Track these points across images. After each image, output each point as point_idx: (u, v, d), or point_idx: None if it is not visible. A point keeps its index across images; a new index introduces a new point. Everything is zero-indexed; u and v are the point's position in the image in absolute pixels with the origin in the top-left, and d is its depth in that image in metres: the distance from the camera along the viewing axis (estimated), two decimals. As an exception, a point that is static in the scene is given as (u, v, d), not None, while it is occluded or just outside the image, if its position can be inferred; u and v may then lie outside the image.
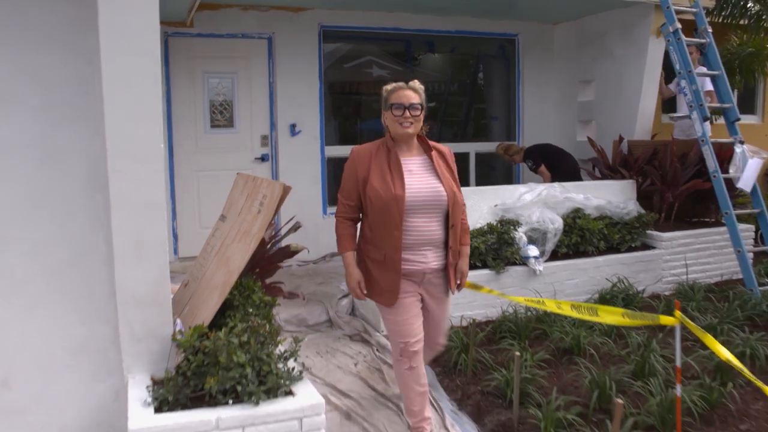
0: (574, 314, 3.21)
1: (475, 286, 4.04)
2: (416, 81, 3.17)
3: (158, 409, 2.68)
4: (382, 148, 3.15)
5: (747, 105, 9.45)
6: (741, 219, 6.24)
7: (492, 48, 7.93)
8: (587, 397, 3.48)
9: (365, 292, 3.19)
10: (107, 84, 2.77)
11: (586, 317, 3.14)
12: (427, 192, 3.07)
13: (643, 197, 6.23)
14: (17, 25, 2.91)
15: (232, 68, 6.57)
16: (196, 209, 6.47)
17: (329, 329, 4.96)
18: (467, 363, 4.02)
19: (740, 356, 4.04)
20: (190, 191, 6.47)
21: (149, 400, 2.74)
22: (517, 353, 3.43)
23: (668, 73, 6.80)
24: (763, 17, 7.32)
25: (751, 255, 5.70)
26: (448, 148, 3.29)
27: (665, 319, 3.05)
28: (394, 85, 3.15)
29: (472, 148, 7.72)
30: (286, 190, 3.10)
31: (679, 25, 5.75)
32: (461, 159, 7.61)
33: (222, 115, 6.60)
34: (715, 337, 4.30)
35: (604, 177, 6.52)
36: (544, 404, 3.39)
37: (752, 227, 6.19)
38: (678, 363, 3.06)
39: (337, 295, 5.36)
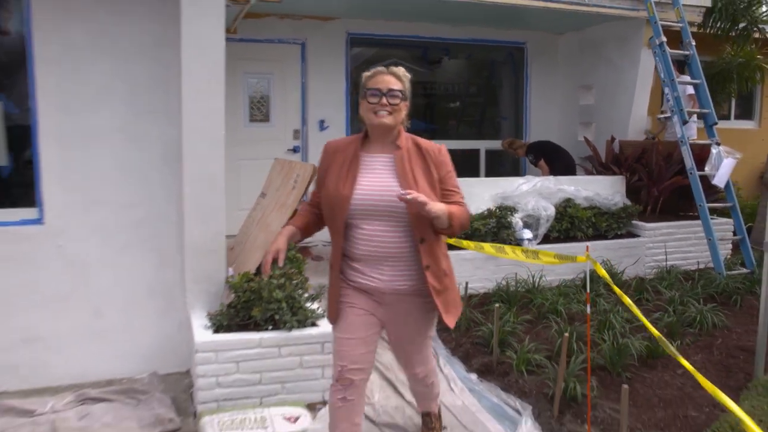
0: (521, 257, 3.74)
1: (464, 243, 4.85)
2: (401, 67, 2.69)
3: (215, 332, 3.57)
4: (355, 142, 2.70)
5: (745, 111, 10.11)
6: (723, 213, 6.98)
7: (502, 55, 8.73)
8: (554, 345, 4.28)
9: (279, 265, 2.65)
10: (185, 86, 3.67)
11: (530, 259, 3.73)
12: (379, 195, 2.56)
13: (632, 192, 6.98)
14: (115, 40, 3.81)
15: (269, 69, 7.46)
16: (236, 194, 7.35)
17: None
18: (461, 320, 4.84)
19: (691, 321, 4.82)
20: (230, 177, 7.32)
21: (209, 324, 3.63)
22: (497, 305, 4.25)
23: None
24: (751, 30, 8.00)
25: (729, 245, 6.42)
26: (438, 146, 2.72)
27: (581, 258, 3.58)
28: (373, 69, 2.67)
29: (482, 145, 8.53)
30: (315, 170, 3.96)
31: (664, 39, 6.49)
32: (472, 155, 8.45)
33: (259, 111, 7.48)
34: (673, 306, 5.10)
35: (597, 173, 7.29)
36: (519, 350, 4.20)
37: (731, 221, 6.90)
38: (588, 310, 3.81)
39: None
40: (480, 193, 6.25)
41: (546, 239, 6.22)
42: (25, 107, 3.82)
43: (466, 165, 8.37)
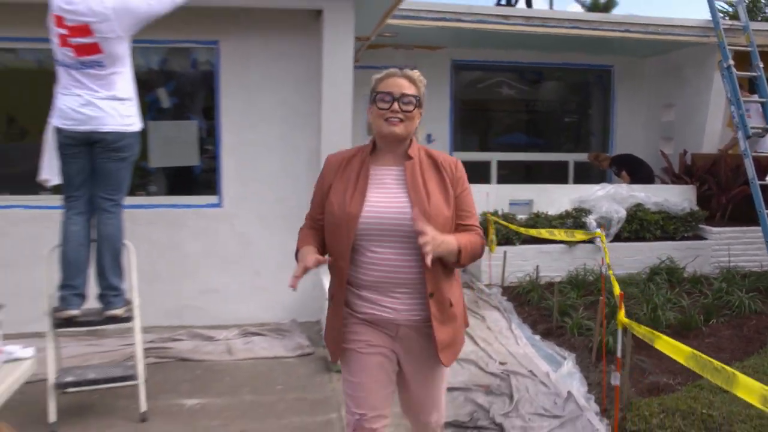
0: (561, 237, 4.86)
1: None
2: (416, 71, 2.41)
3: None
4: (360, 154, 2.43)
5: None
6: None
7: (591, 77, 9.73)
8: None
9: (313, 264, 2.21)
10: (324, 108, 5.09)
11: (566, 238, 4.85)
12: (391, 213, 2.28)
13: (703, 200, 7.80)
14: (276, 76, 5.31)
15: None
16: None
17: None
18: (533, 297, 5.97)
19: (731, 305, 5.71)
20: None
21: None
22: (557, 281, 5.37)
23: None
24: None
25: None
26: (455, 160, 2.46)
27: (597, 233, 4.67)
28: (385, 71, 2.40)
29: (571, 157, 9.54)
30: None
31: (732, 62, 7.29)
32: (562, 167, 9.48)
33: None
34: (719, 294, 5.97)
35: (672, 183, 8.14)
36: (574, 317, 5.29)
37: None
38: (604, 270, 4.85)
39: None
40: (560, 198, 7.33)
41: (617, 238, 7.19)
42: (212, 125, 5.39)
43: (557, 175, 9.41)
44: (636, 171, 8.49)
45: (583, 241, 7.06)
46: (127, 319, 3.84)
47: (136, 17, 3.74)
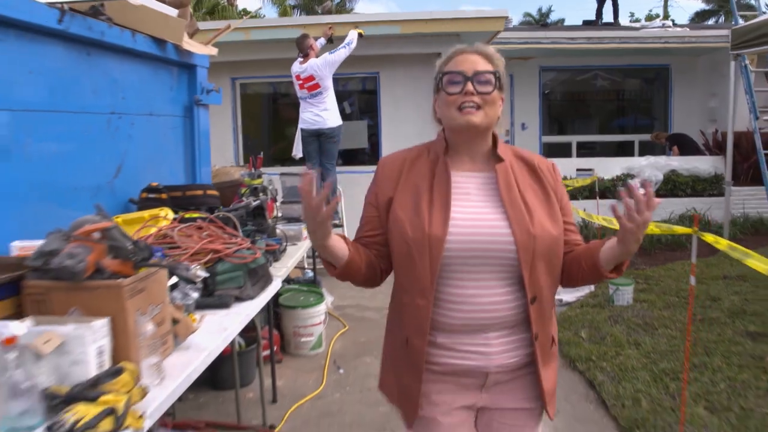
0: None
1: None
2: (490, 46, 1.80)
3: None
4: (426, 155, 1.83)
5: None
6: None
7: (652, 74, 12.39)
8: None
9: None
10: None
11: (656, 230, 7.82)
12: (484, 234, 1.69)
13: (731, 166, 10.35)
14: (414, 87, 8.73)
15: (489, 92, 12.05)
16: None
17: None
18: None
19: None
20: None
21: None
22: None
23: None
24: None
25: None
26: (551, 162, 1.89)
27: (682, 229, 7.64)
28: (452, 49, 1.80)
29: (636, 138, 12.27)
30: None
31: (747, 61, 9.81)
32: (629, 145, 12.23)
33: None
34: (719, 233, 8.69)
35: (709, 155, 10.74)
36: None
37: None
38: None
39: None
40: (613, 167, 10.21)
41: (656, 195, 9.91)
42: (375, 121, 8.86)
43: (625, 150, 12.16)
44: (684, 146, 11.12)
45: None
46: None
47: (333, 66, 7.16)
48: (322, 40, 7.47)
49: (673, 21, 13.21)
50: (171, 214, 3.36)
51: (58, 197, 3.11)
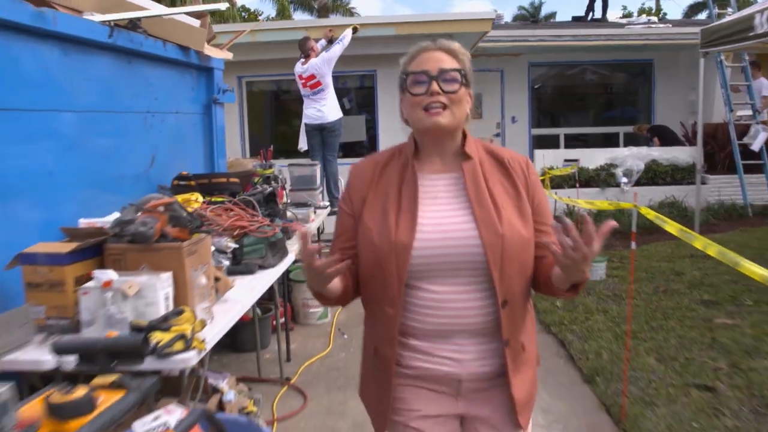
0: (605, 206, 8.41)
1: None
2: (455, 42, 1.74)
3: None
4: (397, 158, 1.79)
5: None
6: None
7: (636, 69, 13.00)
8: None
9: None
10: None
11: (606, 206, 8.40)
12: (454, 238, 1.65)
13: (708, 156, 10.97)
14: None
15: (479, 89, 12.62)
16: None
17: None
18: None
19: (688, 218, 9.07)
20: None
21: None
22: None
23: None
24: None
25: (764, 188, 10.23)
26: (524, 157, 1.80)
27: (625, 204, 8.26)
28: (415, 47, 1.73)
29: (621, 129, 12.88)
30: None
31: (723, 57, 10.42)
32: (614, 136, 12.86)
33: (476, 111, 12.77)
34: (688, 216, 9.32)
35: (688, 145, 11.37)
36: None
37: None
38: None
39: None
40: (598, 157, 10.82)
41: (638, 183, 10.59)
42: (372, 116, 9.47)
43: (611, 141, 12.78)
44: (664, 137, 11.73)
45: (612, 186, 10.54)
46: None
47: (330, 62, 7.73)
48: (322, 42, 8.07)
49: (664, 14, 13.85)
50: (200, 198, 3.97)
51: (108, 184, 3.71)
